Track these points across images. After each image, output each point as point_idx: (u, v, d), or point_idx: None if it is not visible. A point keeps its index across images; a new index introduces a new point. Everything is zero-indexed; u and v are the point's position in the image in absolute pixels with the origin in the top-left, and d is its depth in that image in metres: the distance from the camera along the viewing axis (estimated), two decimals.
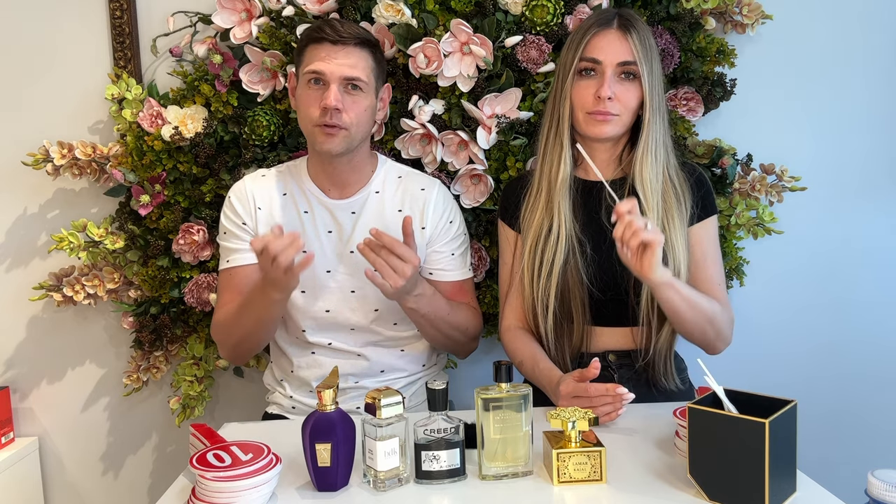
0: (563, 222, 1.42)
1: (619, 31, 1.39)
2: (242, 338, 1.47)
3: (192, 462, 1.02)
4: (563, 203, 1.43)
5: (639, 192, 1.40)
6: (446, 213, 1.56)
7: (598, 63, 1.38)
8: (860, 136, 1.83)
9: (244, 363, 1.58)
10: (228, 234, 1.53)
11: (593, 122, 1.39)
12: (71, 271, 1.83)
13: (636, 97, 1.39)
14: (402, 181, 1.57)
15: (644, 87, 1.38)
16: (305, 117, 1.45)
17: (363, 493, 1.06)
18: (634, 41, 1.37)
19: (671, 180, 1.43)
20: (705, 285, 1.43)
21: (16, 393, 1.94)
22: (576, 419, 1.05)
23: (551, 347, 1.45)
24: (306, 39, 1.46)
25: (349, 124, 1.43)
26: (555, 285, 1.41)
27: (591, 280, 1.41)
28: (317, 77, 1.42)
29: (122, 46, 1.81)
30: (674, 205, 1.41)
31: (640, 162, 1.40)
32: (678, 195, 1.42)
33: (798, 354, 1.88)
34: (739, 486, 0.96)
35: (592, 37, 1.39)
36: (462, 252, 1.58)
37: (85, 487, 1.97)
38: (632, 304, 1.41)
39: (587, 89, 1.39)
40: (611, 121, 1.39)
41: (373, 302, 1.52)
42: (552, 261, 1.42)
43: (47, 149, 1.77)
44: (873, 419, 1.89)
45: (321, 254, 1.52)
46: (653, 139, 1.40)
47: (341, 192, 1.54)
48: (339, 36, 1.42)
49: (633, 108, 1.40)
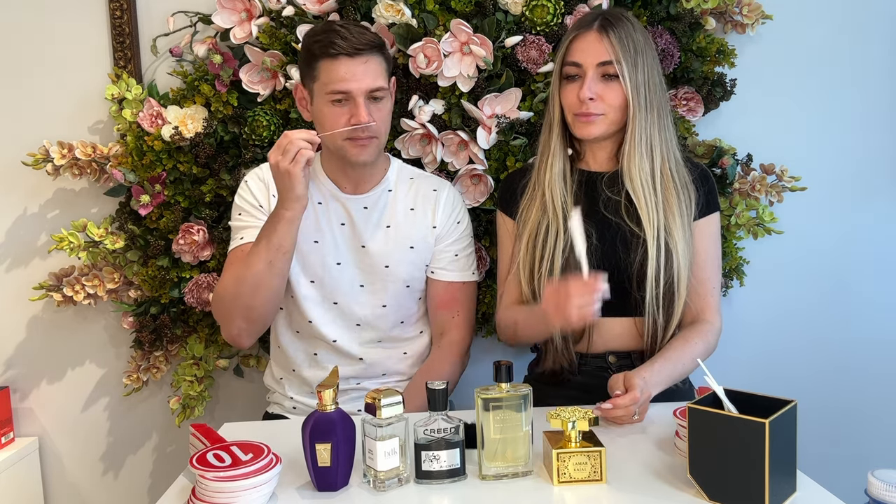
0: (561, 221, 1.43)
1: (598, 33, 1.40)
2: (250, 291, 1.40)
3: (192, 462, 1.02)
4: (558, 200, 1.44)
5: (627, 186, 1.42)
6: (455, 212, 1.57)
7: (580, 66, 1.41)
8: (860, 135, 1.83)
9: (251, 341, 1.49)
10: (243, 214, 1.52)
11: (580, 124, 1.42)
12: (71, 271, 1.83)
13: (620, 95, 1.40)
14: (414, 182, 1.58)
15: (626, 85, 1.39)
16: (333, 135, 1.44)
17: (363, 493, 1.06)
18: (613, 41, 1.39)
19: (672, 175, 1.43)
20: (701, 288, 1.44)
21: (16, 393, 1.94)
22: (576, 419, 1.05)
23: (556, 342, 1.45)
24: (319, 54, 1.41)
25: (378, 132, 1.45)
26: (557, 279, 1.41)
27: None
28: (342, 96, 1.41)
29: (122, 46, 1.81)
30: (674, 200, 1.42)
31: (627, 158, 1.42)
32: (678, 191, 1.42)
33: (798, 354, 1.88)
34: (739, 486, 0.96)
35: (573, 41, 1.42)
36: (467, 255, 1.59)
37: (85, 487, 1.97)
38: (635, 294, 1.42)
39: (572, 92, 1.42)
40: (595, 121, 1.41)
41: (381, 297, 1.53)
42: (552, 257, 1.42)
43: (47, 149, 1.77)
44: (873, 419, 1.89)
45: (333, 246, 1.52)
46: (639, 135, 1.41)
47: (356, 189, 1.54)
48: (354, 48, 1.39)
49: (619, 106, 1.41)
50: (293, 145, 1.29)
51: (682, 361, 1.36)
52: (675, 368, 1.35)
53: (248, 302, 1.41)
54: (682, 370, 1.37)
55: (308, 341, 1.56)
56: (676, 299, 1.41)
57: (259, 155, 1.73)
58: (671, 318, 1.42)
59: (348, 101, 1.42)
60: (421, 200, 1.56)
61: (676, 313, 1.42)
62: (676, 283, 1.40)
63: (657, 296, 1.40)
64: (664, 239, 1.40)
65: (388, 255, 1.53)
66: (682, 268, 1.39)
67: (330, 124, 1.43)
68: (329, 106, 1.43)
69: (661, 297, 1.40)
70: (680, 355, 1.36)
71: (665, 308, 1.41)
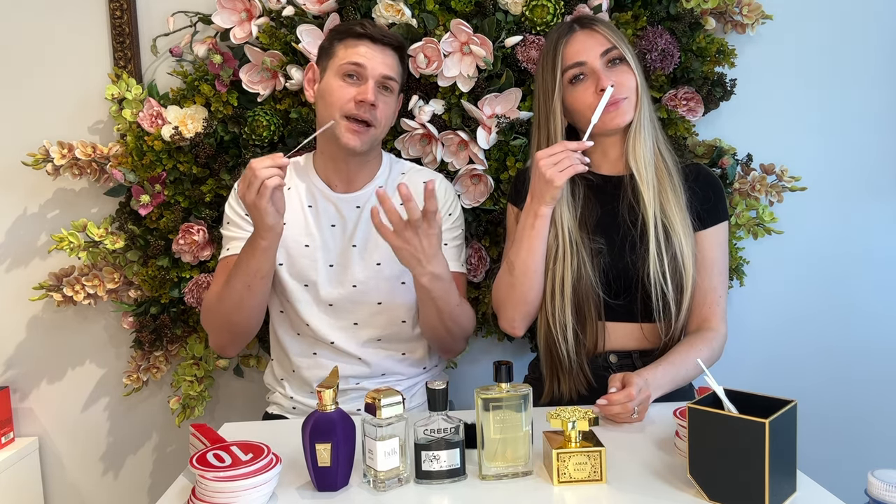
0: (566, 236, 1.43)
1: (586, 31, 1.44)
2: (232, 309, 1.43)
3: (192, 462, 1.01)
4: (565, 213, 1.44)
5: (632, 166, 1.44)
6: (447, 204, 1.57)
7: (584, 63, 1.41)
8: (860, 135, 1.83)
9: (234, 352, 1.54)
10: (231, 224, 1.54)
11: (610, 116, 1.41)
12: (71, 271, 1.83)
13: (632, 77, 1.43)
14: (405, 177, 1.59)
15: (632, 64, 1.43)
16: (334, 108, 1.44)
17: (363, 493, 1.06)
18: (604, 30, 1.43)
19: (661, 156, 1.46)
20: (708, 296, 1.45)
21: (16, 393, 1.94)
22: (576, 419, 1.05)
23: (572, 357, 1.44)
24: (343, 33, 1.47)
25: (378, 122, 1.46)
26: (570, 305, 1.42)
27: (604, 284, 1.43)
28: (355, 70, 1.44)
29: (122, 46, 1.81)
30: (666, 179, 1.44)
31: (634, 138, 1.44)
32: (669, 171, 1.45)
33: (798, 354, 1.88)
34: (739, 486, 0.96)
35: (564, 46, 1.43)
36: (457, 245, 1.58)
37: (85, 487, 1.97)
38: (641, 299, 1.42)
39: (585, 92, 1.42)
40: (622, 106, 1.41)
41: (375, 296, 1.53)
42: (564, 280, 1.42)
43: (47, 149, 1.77)
44: (873, 419, 1.89)
45: (324, 248, 1.53)
46: (644, 115, 1.44)
47: (347, 187, 1.55)
48: (381, 35, 1.45)
49: (634, 88, 1.43)
50: (256, 179, 1.27)
51: (686, 367, 1.36)
52: (679, 373, 1.36)
53: (230, 318, 1.45)
54: (685, 375, 1.37)
55: (307, 342, 1.56)
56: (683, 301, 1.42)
57: (259, 155, 1.73)
58: (678, 320, 1.42)
59: (360, 79, 1.44)
60: (413, 195, 1.55)
61: (683, 314, 1.43)
62: (683, 278, 1.41)
63: (665, 294, 1.40)
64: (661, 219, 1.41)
65: (381, 252, 1.52)
66: (683, 251, 1.40)
67: (336, 97, 1.44)
68: (339, 80, 1.45)
69: (669, 295, 1.40)
70: (684, 360, 1.37)
71: (674, 307, 1.41)
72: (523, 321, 1.47)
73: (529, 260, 1.41)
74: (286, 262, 1.53)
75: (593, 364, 1.46)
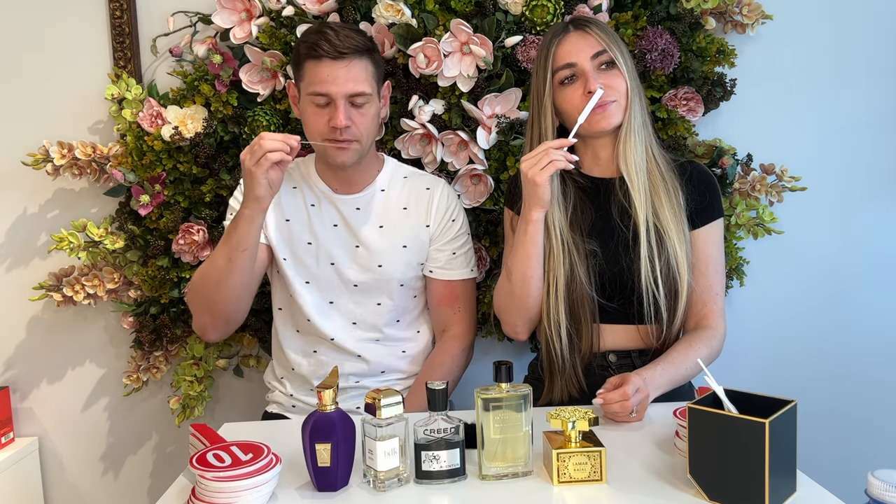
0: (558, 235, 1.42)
1: (579, 32, 1.43)
2: (213, 286, 1.42)
3: (192, 462, 1.02)
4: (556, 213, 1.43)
5: (623, 171, 1.43)
6: (449, 211, 1.57)
7: (574, 65, 1.41)
8: (860, 135, 1.83)
9: (216, 336, 1.52)
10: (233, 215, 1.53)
11: (597, 119, 1.41)
12: (71, 271, 1.83)
13: (622, 80, 1.42)
14: (407, 181, 1.59)
15: (623, 68, 1.41)
16: (315, 133, 1.46)
17: (363, 493, 1.06)
18: (596, 32, 1.42)
19: (655, 160, 1.45)
20: (705, 294, 1.44)
21: (16, 393, 1.94)
22: (576, 419, 1.05)
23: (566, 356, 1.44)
24: (304, 54, 1.44)
25: (359, 136, 1.45)
26: (563, 304, 1.42)
27: (598, 286, 1.43)
28: (322, 99, 1.43)
29: (122, 46, 1.81)
30: (660, 183, 1.43)
31: (624, 142, 1.43)
32: (663, 174, 1.44)
33: (798, 354, 1.88)
34: (739, 487, 0.96)
35: (556, 47, 1.43)
36: (465, 252, 1.59)
37: (85, 487, 1.97)
38: (636, 301, 1.42)
39: (574, 93, 1.42)
40: (610, 108, 1.41)
41: (376, 296, 1.54)
42: (557, 280, 1.42)
43: (47, 149, 1.77)
44: (873, 419, 1.89)
45: (326, 247, 1.54)
46: (634, 119, 1.43)
47: (348, 189, 1.56)
48: (337, 52, 1.41)
49: (624, 91, 1.42)
50: (260, 148, 1.30)
51: (686, 366, 1.36)
52: (678, 372, 1.36)
53: (210, 296, 1.45)
54: (684, 374, 1.37)
55: (308, 339, 1.57)
56: (679, 301, 1.41)
57: None
58: (673, 323, 1.42)
59: (329, 103, 1.43)
60: (414, 199, 1.57)
61: (678, 318, 1.42)
62: (678, 283, 1.41)
63: (657, 299, 1.40)
64: (653, 223, 1.41)
65: (382, 254, 1.53)
66: (678, 256, 1.40)
67: (312, 125, 1.46)
68: (311, 107, 1.45)
69: (661, 300, 1.40)
70: (683, 359, 1.37)
71: (666, 313, 1.41)
72: (525, 326, 1.48)
73: (526, 266, 1.41)
74: (289, 258, 1.54)
75: (592, 364, 1.46)
